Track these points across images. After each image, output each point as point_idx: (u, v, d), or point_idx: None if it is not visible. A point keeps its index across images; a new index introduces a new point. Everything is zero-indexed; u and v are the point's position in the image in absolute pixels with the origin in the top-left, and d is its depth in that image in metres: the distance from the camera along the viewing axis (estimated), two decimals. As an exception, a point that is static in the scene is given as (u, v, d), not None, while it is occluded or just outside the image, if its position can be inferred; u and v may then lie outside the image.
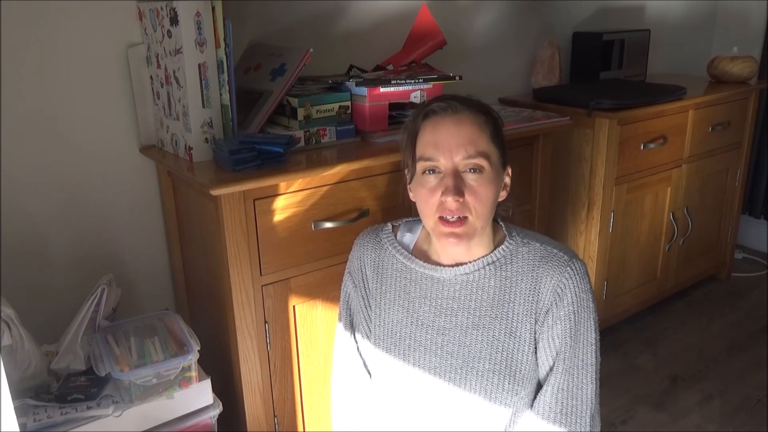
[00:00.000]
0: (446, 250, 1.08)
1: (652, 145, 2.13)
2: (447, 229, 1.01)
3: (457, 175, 1.00)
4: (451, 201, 0.99)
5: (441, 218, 1.02)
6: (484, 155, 1.01)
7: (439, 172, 1.02)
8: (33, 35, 1.33)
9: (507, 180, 1.10)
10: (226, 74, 1.31)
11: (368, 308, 1.17)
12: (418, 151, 1.04)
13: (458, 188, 0.99)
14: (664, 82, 2.35)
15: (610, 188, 2.06)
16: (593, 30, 2.43)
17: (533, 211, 1.75)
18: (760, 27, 2.90)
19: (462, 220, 1.01)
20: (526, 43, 2.31)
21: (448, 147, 1.00)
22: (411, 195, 1.10)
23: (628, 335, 2.35)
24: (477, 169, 1.01)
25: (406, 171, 1.10)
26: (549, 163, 1.74)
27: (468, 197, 1.00)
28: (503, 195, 1.09)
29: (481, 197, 1.01)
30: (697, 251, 2.54)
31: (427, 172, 1.03)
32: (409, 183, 1.09)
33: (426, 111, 1.05)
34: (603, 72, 2.38)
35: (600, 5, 2.52)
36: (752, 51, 2.79)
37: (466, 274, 1.07)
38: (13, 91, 1.33)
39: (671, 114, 2.16)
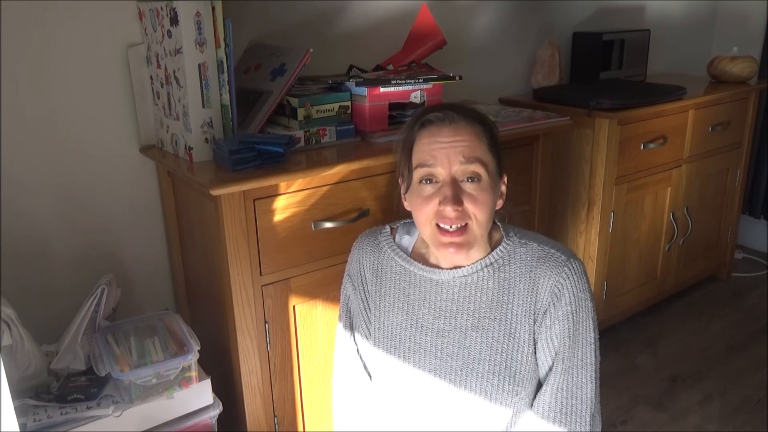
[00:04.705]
0: (444, 256, 1.07)
1: (652, 145, 2.13)
2: (446, 239, 1.01)
3: (455, 185, 1.00)
4: (450, 210, 0.99)
5: (438, 227, 1.01)
6: (482, 163, 1.00)
7: (436, 182, 1.01)
8: (33, 35, 1.33)
9: (503, 188, 1.09)
10: (226, 74, 1.31)
11: (368, 311, 1.17)
12: (415, 161, 1.03)
13: (457, 197, 0.99)
14: (664, 82, 2.35)
15: (610, 188, 2.06)
16: (593, 30, 2.43)
17: (533, 211, 1.75)
18: (760, 27, 2.90)
19: (462, 229, 1.00)
20: (526, 43, 2.31)
21: (446, 155, 1.00)
22: (406, 204, 1.10)
23: (628, 335, 2.35)
24: (475, 178, 1.00)
25: (400, 180, 1.10)
26: (549, 163, 1.74)
27: (467, 205, 0.99)
28: (500, 203, 1.08)
29: (480, 204, 1.00)
30: (697, 251, 2.54)
31: (423, 181, 1.02)
32: (405, 192, 1.08)
33: (422, 121, 1.04)
34: (603, 72, 2.38)
35: (600, 5, 2.52)
36: (752, 51, 2.79)
37: (464, 276, 1.07)
38: (13, 91, 1.33)
39: (671, 114, 2.16)
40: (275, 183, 1.25)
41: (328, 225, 1.34)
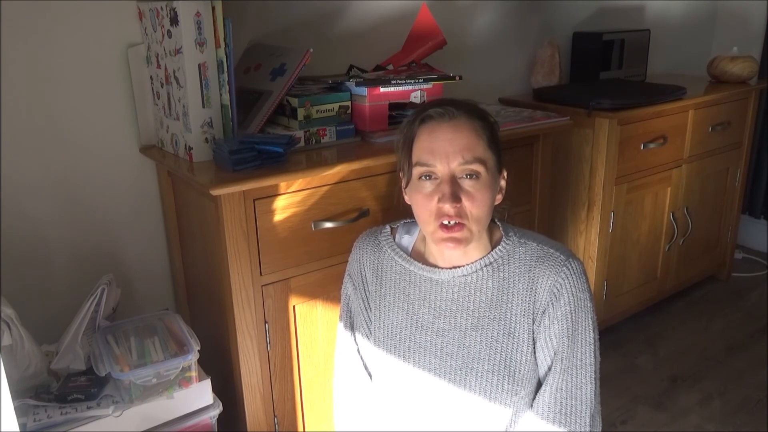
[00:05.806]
0: (443, 253, 1.08)
1: (652, 145, 2.13)
2: (445, 235, 1.01)
3: (453, 182, 1.00)
4: (448, 207, 0.99)
5: (441, 225, 1.01)
6: (481, 161, 1.01)
7: (435, 178, 1.02)
8: (33, 35, 1.33)
9: (503, 183, 1.09)
10: (226, 74, 1.31)
11: (368, 310, 1.17)
12: (415, 157, 1.04)
13: (455, 195, 0.99)
14: (664, 82, 2.35)
15: (610, 188, 2.06)
16: (593, 30, 2.43)
17: (533, 211, 1.75)
18: (760, 27, 2.90)
19: (460, 225, 1.01)
20: (526, 43, 2.31)
21: (445, 153, 1.00)
22: (406, 198, 1.10)
23: (628, 335, 2.35)
24: (474, 175, 1.01)
25: (401, 174, 1.10)
26: (549, 163, 1.74)
27: (465, 202, 1.00)
28: (499, 198, 1.09)
29: (478, 202, 1.00)
30: (697, 251, 2.54)
31: (423, 177, 1.02)
32: (405, 187, 1.09)
33: (423, 116, 1.04)
34: (603, 72, 2.38)
35: (600, 5, 2.52)
36: (752, 51, 2.79)
37: (464, 275, 1.07)
38: (13, 91, 1.33)
39: (671, 114, 2.16)
40: (275, 183, 1.25)
41: (328, 225, 1.34)
